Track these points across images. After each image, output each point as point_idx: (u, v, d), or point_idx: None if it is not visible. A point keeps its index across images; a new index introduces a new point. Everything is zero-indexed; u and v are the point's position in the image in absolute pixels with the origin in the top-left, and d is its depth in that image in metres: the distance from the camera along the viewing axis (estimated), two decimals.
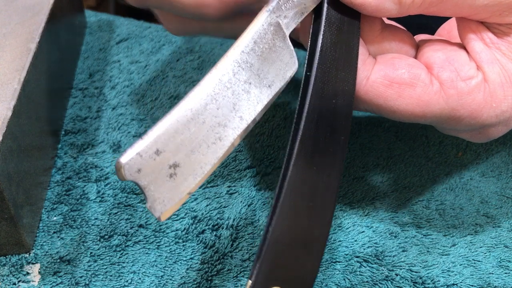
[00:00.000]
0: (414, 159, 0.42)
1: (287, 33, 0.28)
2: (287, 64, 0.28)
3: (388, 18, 0.32)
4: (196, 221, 0.37)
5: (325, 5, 0.28)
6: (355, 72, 0.28)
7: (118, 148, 0.42)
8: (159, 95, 0.47)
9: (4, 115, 0.32)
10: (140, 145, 0.24)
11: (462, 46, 0.30)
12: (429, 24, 0.35)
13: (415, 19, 0.33)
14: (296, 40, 0.30)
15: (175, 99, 0.47)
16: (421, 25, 0.34)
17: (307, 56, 0.29)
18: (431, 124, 0.32)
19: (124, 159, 0.24)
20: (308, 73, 0.28)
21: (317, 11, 0.29)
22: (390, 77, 0.29)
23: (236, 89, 0.26)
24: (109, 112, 0.45)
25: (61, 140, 0.43)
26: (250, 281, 0.25)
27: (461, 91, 0.29)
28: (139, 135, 0.43)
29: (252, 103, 0.27)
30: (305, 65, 0.28)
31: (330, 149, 0.27)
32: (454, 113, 0.29)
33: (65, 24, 0.46)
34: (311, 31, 0.29)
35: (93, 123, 0.44)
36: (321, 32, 0.28)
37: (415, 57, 0.31)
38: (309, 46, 0.29)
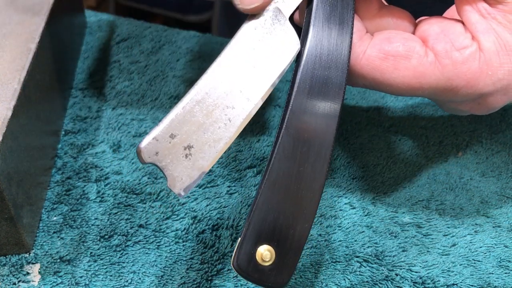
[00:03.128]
0: (414, 159, 0.42)
1: (287, 16, 0.30)
2: (289, 46, 0.29)
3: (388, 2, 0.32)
4: (196, 221, 0.37)
5: None
6: (349, 44, 0.29)
7: (118, 148, 0.42)
8: (159, 95, 0.47)
9: (4, 115, 0.32)
10: (156, 131, 0.27)
11: (458, 20, 0.31)
12: (427, 13, 0.35)
13: (418, 8, 0.33)
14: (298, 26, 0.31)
15: (175, 99, 0.47)
16: (421, 14, 0.34)
17: (302, 32, 0.30)
18: (429, 98, 0.32)
19: (143, 144, 0.26)
20: (302, 48, 0.29)
21: None
22: (385, 50, 0.30)
23: (241, 73, 0.28)
24: (109, 112, 0.45)
25: (61, 140, 0.43)
26: (239, 239, 0.27)
27: (456, 60, 0.29)
28: (139, 135, 0.43)
29: (258, 85, 0.29)
30: (300, 40, 0.30)
31: (322, 117, 0.28)
32: (450, 83, 0.30)
33: (65, 24, 0.46)
34: (306, 9, 0.30)
35: (93, 123, 0.44)
36: (314, 8, 0.29)
37: (413, 33, 0.31)
38: (304, 22, 0.30)
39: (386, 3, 0.32)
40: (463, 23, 0.30)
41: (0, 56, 0.37)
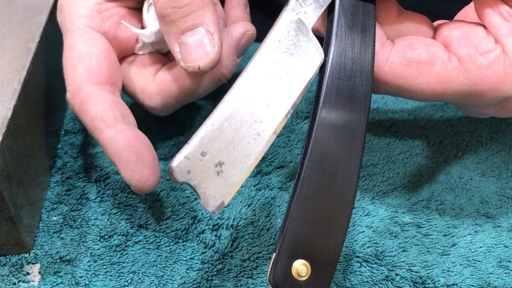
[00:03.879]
0: (414, 159, 0.42)
1: (310, 27, 0.30)
2: (313, 56, 0.29)
3: (403, 6, 0.32)
4: (196, 221, 0.37)
5: None
6: (373, 52, 0.29)
7: None
8: None
9: (4, 115, 0.32)
10: (187, 149, 0.26)
11: (479, 24, 0.31)
12: (439, 10, 0.35)
13: (424, 5, 0.33)
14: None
15: None
16: (431, 11, 0.34)
17: (324, 41, 0.30)
18: (453, 103, 0.32)
19: (174, 163, 0.26)
20: (325, 58, 0.29)
21: (334, 1, 0.30)
22: (409, 57, 0.29)
23: (268, 87, 0.28)
24: None
25: (61, 140, 0.43)
26: (274, 254, 0.27)
27: (480, 65, 0.29)
28: None
29: (285, 97, 0.28)
30: (322, 49, 0.30)
31: (350, 127, 0.28)
32: (475, 88, 0.29)
33: None
34: (327, 18, 0.31)
35: None
36: (336, 17, 0.30)
37: (433, 38, 0.31)
38: (326, 32, 0.30)
39: (403, 9, 0.32)
40: (484, 26, 0.30)
41: (0, 56, 0.37)
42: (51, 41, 0.41)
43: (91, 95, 0.33)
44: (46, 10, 0.41)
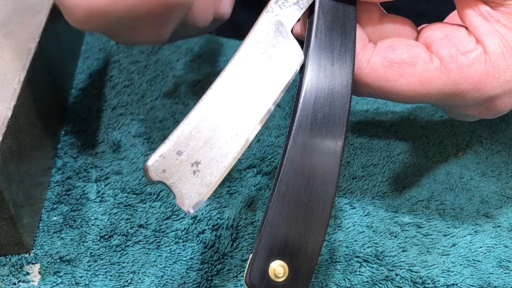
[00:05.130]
0: (414, 159, 0.42)
1: (289, 28, 0.30)
2: (293, 58, 0.29)
3: (394, 4, 0.32)
4: (196, 221, 0.37)
5: None
6: (353, 53, 0.29)
7: (118, 148, 0.42)
8: (159, 95, 0.47)
9: (4, 115, 0.32)
10: (163, 148, 0.26)
11: (461, 25, 0.31)
12: (429, 10, 0.35)
13: (415, 4, 0.33)
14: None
15: (175, 99, 0.47)
16: (421, 11, 0.34)
17: (305, 43, 0.30)
18: (436, 105, 0.32)
19: (150, 162, 0.26)
20: (305, 59, 0.29)
21: (313, 3, 0.30)
22: (390, 58, 0.29)
23: (246, 87, 0.28)
24: (109, 112, 0.45)
25: (61, 140, 0.43)
26: (251, 255, 0.26)
27: (462, 64, 0.29)
28: (139, 135, 0.43)
29: (263, 98, 0.28)
30: (303, 51, 0.29)
31: (329, 127, 0.28)
32: (457, 88, 0.29)
33: (65, 24, 0.46)
34: (307, 20, 0.30)
35: (93, 123, 0.44)
36: (315, 19, 0.30)
37: (415, 40, 0.31)
38: (306, 33, 0.30)
39: (385, 12, 0.32)
40: (466, 28, 0.30)
41: (0, 56, 0.37)
42: (51, 41, 0.41)
43: None
44: (46, 10, 0.41)
